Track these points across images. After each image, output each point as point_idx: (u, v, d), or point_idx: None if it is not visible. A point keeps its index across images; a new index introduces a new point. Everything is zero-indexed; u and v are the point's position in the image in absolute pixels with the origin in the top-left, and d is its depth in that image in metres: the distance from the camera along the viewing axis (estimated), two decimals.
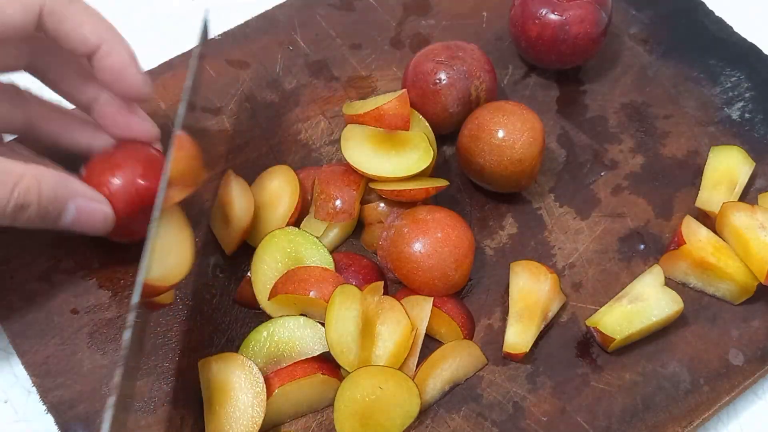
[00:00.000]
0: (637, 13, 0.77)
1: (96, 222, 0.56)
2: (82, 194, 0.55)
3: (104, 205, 0.56)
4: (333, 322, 0.54)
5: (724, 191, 0.65)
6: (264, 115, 0.70)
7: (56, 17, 0.54)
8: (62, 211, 0.54)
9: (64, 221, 0.55)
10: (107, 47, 0.56)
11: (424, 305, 0.58)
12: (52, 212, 0.53)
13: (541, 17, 0.67)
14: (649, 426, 0.57)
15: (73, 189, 0.55)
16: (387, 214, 0.62)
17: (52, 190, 0.53)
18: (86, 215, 0.55)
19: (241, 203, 0.61)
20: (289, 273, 0.57)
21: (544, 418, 0.57)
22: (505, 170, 0.62)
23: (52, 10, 0.54)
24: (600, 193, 0.67)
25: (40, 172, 0.53)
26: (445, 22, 0.76)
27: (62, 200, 0.54)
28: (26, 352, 0.58)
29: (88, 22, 0.56)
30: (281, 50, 0.74)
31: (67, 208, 0.54)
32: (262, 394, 0.53)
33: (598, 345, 0.60)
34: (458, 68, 0.64)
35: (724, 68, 0.74)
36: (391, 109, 0.61)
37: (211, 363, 0.55)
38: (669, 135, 0.70)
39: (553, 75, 0.73)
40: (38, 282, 0.61)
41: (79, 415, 0.56)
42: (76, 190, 0.55)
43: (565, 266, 0.63)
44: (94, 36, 0.56)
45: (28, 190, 0.52)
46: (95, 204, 0.55)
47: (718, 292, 0.62)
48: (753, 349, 0.60)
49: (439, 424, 0.56)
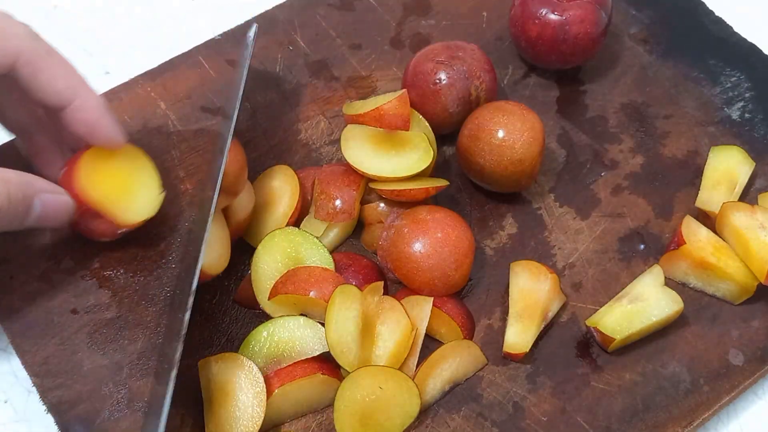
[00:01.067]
0: (637, 13, 0.77)
1: (60, 214, 0.56)
2: (46, 189, 0.55)
3: (65, 195, 0.56)
4: (333, 322, 0.54)
5: (724, 191, 0.65)
6: (264, 115, 0.70)
7: (32, 68, 0.54)
8: (29, 208, 0.54)
9: (30, 219, 0.54)
10: (80, 101, 0.56)
11: (424, 305, 0.58)
12: (21, 212, 0.53)
13: (541, 17, 0.67)
14: (649, 426, 0.57)
15: (37, 186, 0.55)
16: (387, 214, 0.62)
17: (20, 191, 0.53)
18: (51, 209, 0.55)
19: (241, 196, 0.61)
20: (289, 273, 0.57)
21: (544, 418, 0.57)
22: (505, 170, 0.62)
23: (29, 61, 0.54)
24: (600, 193, 0.67)
25: (4, 174, 0.52)
26: (445, 22, 0.76)
27: (29, 199, 0.54)
28: (26, 352, 0.58)
29: (63, 76, 0.55)
30: (281, 50, 0.74)
31: (33, 205, 0.54)
32: (262, 394, 0.53)
33: (598, 345, 0.60)
34: (458, 68, 0.64)
35: (724, 68, 0.74)
36: (391, 109, 0.61)
37: (211, 363, 0.55)
38: (669, 135, 0.70)
39: (553, 75, 0.73)
40: (38, 282, 0.61)
41: (79, 415, 0.56)
42: (40, 187, 0.55)
43: (565, 266, 0.63)
44: (68, 90, 0.55)
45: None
46: (57, 196, 0.56)
47: (718, 292, 0.62)
48: (753, 349, 0.60)
49: (439, 424, 0.56)
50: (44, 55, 0.55)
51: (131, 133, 0.67)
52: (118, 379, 0.57)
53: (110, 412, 0.56)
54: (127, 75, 0.71)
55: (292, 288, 0.56)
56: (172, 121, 0.69)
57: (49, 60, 0.55)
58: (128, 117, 0.69)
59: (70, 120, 0.57)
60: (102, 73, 0.77)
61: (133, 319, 0.60)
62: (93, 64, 0.77)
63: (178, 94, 0.71)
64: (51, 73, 0.55)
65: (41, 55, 0.54)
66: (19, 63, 0.53)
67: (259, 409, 0.53)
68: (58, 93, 0.55)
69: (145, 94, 0.70)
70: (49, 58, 0.55)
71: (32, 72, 0.54)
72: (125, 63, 0.76)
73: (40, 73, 0.54)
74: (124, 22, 0.80)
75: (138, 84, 0.71)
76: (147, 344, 0.59)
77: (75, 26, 0.80)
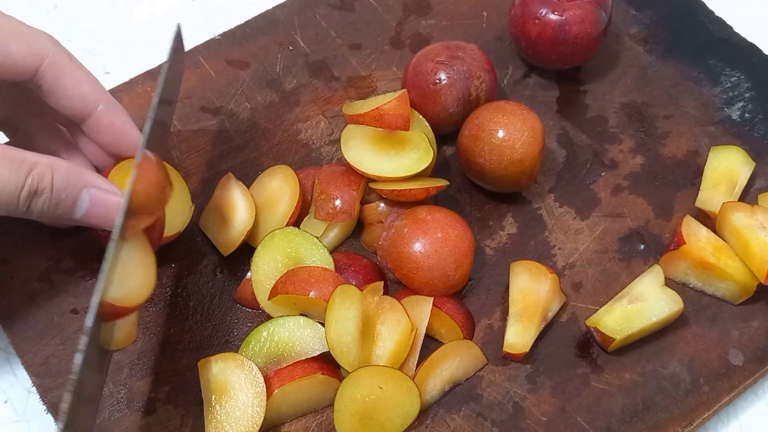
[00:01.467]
0: (637, 13, 0.77)
1: (110, 213, 0.54)
2: (97, 184, 0.54)
3: (119, 196, 0.54)
4: (333, 322, 0.54)
5: (724, 191, 0.65)
6: (264, 115, 0.70)
7: (57, 70, 0.54)
8: (76, 200, 0.53)
9: (78, 211, 0.53)
10: (105, 106, 0.55)
11: (424, 305, 0.58)
12: (65, 201, 0.52)
13: (541, 17, 0.67)
14: (649, 426, 0.57)
15: (87, 178, 0.53)
16: (387, 214, 0.62)
17: (64, 178, 0.52)
18: (101, 206, 0.54)
19: (242, 206, 0.61)
20: (289, 273, 0.57)
21: (544, 418, 0.57)
22: (505, 170, 0.62)
23: (54, 63, 0.53)
24: (600, 193, 0.67)
25: (53, 161, 0.52)
26: (445, 22, 0.76)
27: (76, 189, 0.53)
28: (26, 352, 0.58)
29: (87, 81, 0.55)
30: (281, 50, 0.74)
31: (81, 197, 0.53)
32: (262, 394, 0.53)
33: (598, 345, 0.60)
34: (458, 68, 0.64)
35: (724, 68, 0.74)
36: (391, 109, 0.61)
37: (211, 363, 0.55)
38: (669, 135, 0.70)
39: (553, 75, 0.73)
40: (38, 282, 0.61)
41: None
42: (90, 180, 0.54)
43: (565, 266, 0.63)
44: (94, 95, 0.55)
45: (42, 176, 0.51)
46: (110, 194, 0.54)
47: (718, 292, 0.62)
48: (753, 349, 0.60)
49: (439, 424, 0.56)
50: (68, 59, 0.54)
51: None
52: (118, 379, 0.57)
53: (110, 412, 0.56)
54: (127, 75, 0.71)
55: (292, 288, 0.56)
56: (172, 121, 0.69)
57: (72, 65, 0.55)
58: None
59: (96, 126, 0.56)
60: (102, 73, 0.77)
61: None
62: (93, 64, 0.76)
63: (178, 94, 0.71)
64: (76, 77, 0.55)
65: (65, 59, 0.54)
66: (44, 66, 0.53)
67: (259, 409, 0.53)
68: (84, 97, 0.55)
69: (145, 94, 0.70)
70: (72, 64, 0.55)
71: (57, 75, 0.54)
72: (125, 63, 0.76)
73: (65, 77, 0.54)
74: (124, 22, 0.80)
75: (138, 84, 0.71)
76: (147, 344, 0.59)
77: (75, 26, 0.80)
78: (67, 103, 0.55)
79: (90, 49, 0.78)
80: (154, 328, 0.59)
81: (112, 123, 0.56)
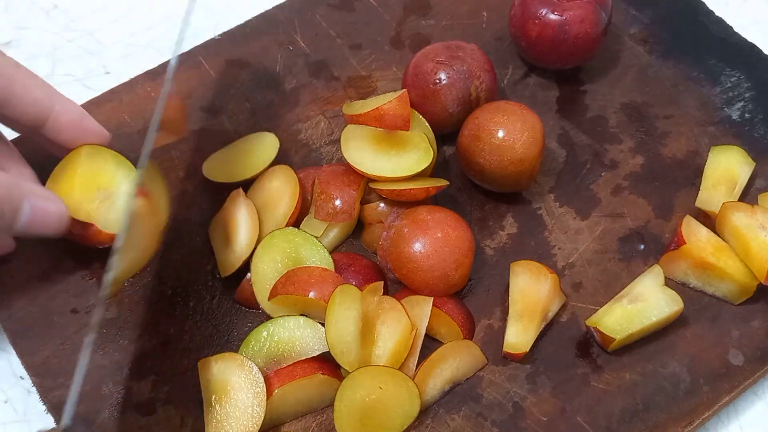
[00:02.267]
0: (637, 13, 0.77)
1: (52, 221, 0.54)
2: (38, 194, 0.54)
3: (59, 204, 0.55)
4: (333, 322, 0.54)
5: (724, 191, 0.65)
6: (264, 115, 0.70)
7: (5, 80, 0.53)
8: (17, 211, 0.52)
9: (20, 222, 0.53)
10: (60, 106, 0.55)
11: (424, 305, 0.58)
12: (6, 213, 0.52)
13: (541, 17, 0.67)
14: (649, 426, 0.57)
15: (26, 188, 0.53)
16: (387, 214, 0.62)
17: (5, 188, 0.51)
18: (42, 215, 0.53)
19: (245, 229, 0.60)
20: (288, 273, 0.57)
21: (544, 418, 0.57)
22: (505, 170, 0.62)
23: (2, 73, 0.52)
24: (600, 193, 0.67)
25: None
26: (445, 22, 0.76)
27: (16, 199, 0.52)
28: (26, 352, 0.58)
29: (37, 85, 0.54)
30: (281, 50, 0.74)
31: (21, 207, 0.52)
32: (262, 394, 0.53)
33: (598, 345, 0.60)
34: (458, 68, 0.64)
35: (724, 68, 0.74)
36: (391, 109, 0.61)
37: (211, 363, 0.55)
38: (669, 135, 0.70)
39: (553, 75, 0.73)
40: (38, 282, 0.61)
41: (79, 415, 0.56)
42: (30, 190, 0.53)
43: (565, 266, 0.63)
44: (46, 98, 0.54)
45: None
46: (50, 203, 0.54)
47: (718, 292, 0.62)
48: (753, 349, 0.60)
49: (439, 424, 0.56)
50: (14, 66, 0.54)
51: (131, 134, 0.68)
52: (118, 379, 0.57)
53: (110, 412, 0.56)
54: (127, 75, 0.71)
55: (292, 289, 0.56)
56: None
57: (19, 71, 0.54)
58: (128, 117, 0.69)
59: (54, 128, 0.56)
60: (102, 73, 0.77)
61: (133, 319, 0.60)
62: (93, 64, 0.77)
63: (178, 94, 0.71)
64: (25, 84, 0.54)
65: (11, 67, 0.54)
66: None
67: (259, 409, 0.53)
68: (38, 101, 0.54)
69: (145, 94, 0.70)
70: (19, 70, 0.54)
71: (6, 85, 0.53)
72: (125, 63, 0.76)
73: (14, 84, 0.53)
74: (124, 22, 0.80)
75: (138, 84, 0.71)
76: (147, 344, 0.59)
77: (75, 26, 0.80)
78: (22, 110, 0.54)
79: (90, 49, 0.78)
80: (155, 328, 0.59)
81: (71, 121, 0.56)
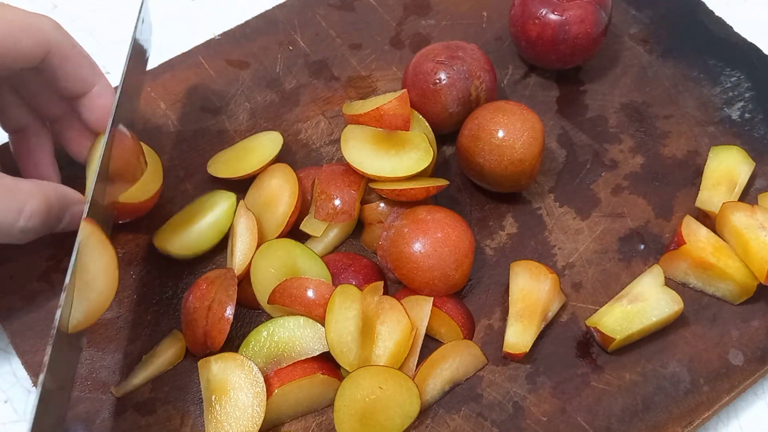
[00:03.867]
0: (637, 13, 0.77)
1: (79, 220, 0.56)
2: (77, 201, 0.57)
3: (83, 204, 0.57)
4: (333, 322, 0.54)
5: (724, 191, 0.65)
6: (264, 115, 0.70)
7: (61, 57, 0.57)
8: (62, 219, 0.56)
9: (59, 228, 0.57)
10: (99, 87, 0.59)
11: (424, 305, 0.58)
12: (54, 223, 0.55)
13: (541, 17, 0.67)
14: (649, 426, 0.57)
15: (70, 198, 0.57)
16: (387, 214, 0.62)
17: (57, 206, 0.55)
18: (78, 218, 0.57)
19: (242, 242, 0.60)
20: (284, 284, 0.57)
21: (544, 418, 0.57)
22: (505, 170, 0.62)
23: (59, 50, 0.56)
24: (600, 193, 0.67)
25: (45, 190, 0.54)
26: (445, 22, 0.76)
27: (63, 213, 0.56)
28: (26, 352, 0.58)
29: (87, 65, 0.59)
30: (281, 50, 0.74)
31: (65, 216, 0.56)
32: (262, 394, 0.53)
33: (598, 345, 0.60)
34: (458, 68, 0.64)
35: (724, 68, 0.74)
36: (391, 109, 0.61)
37: (211, 363, 0.55)
38: (669, 135, 0.70)
39: (553, 75, 0.73)
40: (38, 282, 0.61)
41: (79, 415, 0.56)
42: (72, 199, 0.57)
43: (565, 266, 0.63)
44: (91, 77, 0.59)
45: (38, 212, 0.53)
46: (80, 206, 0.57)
47: (718, 292, 0.62)
48: (753, 349, 0.60)
49: (439, 424, 0.56)
50: (71, 45, 0.57)
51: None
52: (118, 379, 0.57)
53: (110, 412, 0.56)
54: None
55: (288, 302, 0.56)
56: (172, 121, 0.69)
57: (74, 50, 0.58)
58: None
59: (89, 105, 0.59)
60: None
61: (133, 319, 0.60)
62: None
63: (178, 94, 0.71)
64: (77, 62, 0.58)
65: (69, 45, 0.57)
66: (51, 53, 0.56)
67: (259, 409, 0.53)
68: (83, 80, 0.58)
69: (145, 94, 0.70)
70: (75, 49, 0.58)
71: (61, 61, 0.57)
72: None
73: (68, 62, 0.57)
74: (124, 22, 0.80)
75: None
76: (147, 344, 0.59)
77: (75, 26, 0.80)
78: (67, 85, 0.58)
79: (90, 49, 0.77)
80: (154, 328, 0.59)
81: (102, 105, 0.59)
